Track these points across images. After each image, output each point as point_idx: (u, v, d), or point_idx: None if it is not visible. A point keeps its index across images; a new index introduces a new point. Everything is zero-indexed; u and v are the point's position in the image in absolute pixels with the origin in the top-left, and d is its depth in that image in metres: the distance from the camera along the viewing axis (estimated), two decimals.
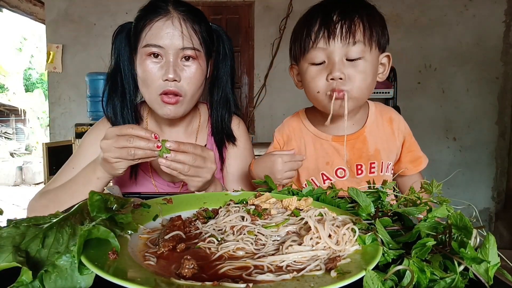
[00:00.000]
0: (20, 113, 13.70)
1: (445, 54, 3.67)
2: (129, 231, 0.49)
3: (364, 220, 0.54)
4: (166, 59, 0.95)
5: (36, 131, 12.87)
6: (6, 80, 13.86)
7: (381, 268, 0.42)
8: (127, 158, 0.80)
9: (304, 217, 0.52)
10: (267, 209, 0.59)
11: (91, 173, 0.88)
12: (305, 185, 0.96)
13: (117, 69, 1.05)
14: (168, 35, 0.94)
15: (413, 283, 0.37)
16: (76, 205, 0.48)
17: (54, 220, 0.43)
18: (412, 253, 0.41)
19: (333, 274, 0.38)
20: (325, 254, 0.43)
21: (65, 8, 3.86)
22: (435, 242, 0.41)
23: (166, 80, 0.95)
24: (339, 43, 0.87)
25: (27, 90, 14.93)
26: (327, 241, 0.45)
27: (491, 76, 3.67)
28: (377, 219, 0.51)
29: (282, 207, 0.61)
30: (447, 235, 0.43)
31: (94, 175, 0.87)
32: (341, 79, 0.87)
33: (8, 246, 0.38)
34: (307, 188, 0.73)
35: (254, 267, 0.41)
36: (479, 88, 3.68)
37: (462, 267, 0.39)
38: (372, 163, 1.02)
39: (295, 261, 0.42)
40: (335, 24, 0.87)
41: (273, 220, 0.55)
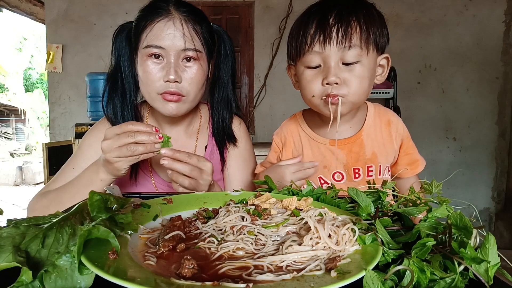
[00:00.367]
0: (20, 113, 13.71)
1: (445, 54, 3.67)
2: (129, 231, 0.49)
3: (364, 220, 0.54)
4: (167, 60, 0.95)
5: (36, 131, 12.89)
6: (6, 80, 13.87)
7: (381, 268, 0.42)
8: (127, 155, 0.80)
9: (304, 217, 0.52)
10: (267, 209, 0.59)
11: (94, 174, 0.88)
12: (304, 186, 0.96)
13: (117, 69, 1.05)
14: (169, 36, 0.94)
15: (413, 283, 0.37)
16: (76, 205, 0.48)
17: (54, 220, 0.43)
18: (412, 253, 0.41)
19: (333, 274, 0.38)
20: (325, 254, 0.43)
21: (65, 8, 3.86)
22: (435, 242, 0.41)
23: (167, 81, 0.95)
24: (335, 47, 0.85)
25: (27, 90, 14.94)
26: (327, 241, 0.45)
27: (491, 76, 3.67)
28: (377, 219, 0.51)
29: (282, 207, 0.61)
30: (447, 235, 0.43)
31: (97, 177, 0.87)
32: (336, 83, 0.86)
33: (8, 246, 0.38)
34: (307, 188, 0.73)
35: (254, 267, 0.41)
36: (479, 88, 3.68)
37: (462, 267, 0.39)
38: (370, 167, 1.01)
39: (295, 261, 0.42)
40: (331, 28, 0.85)
41: (273, 220, 0.55)
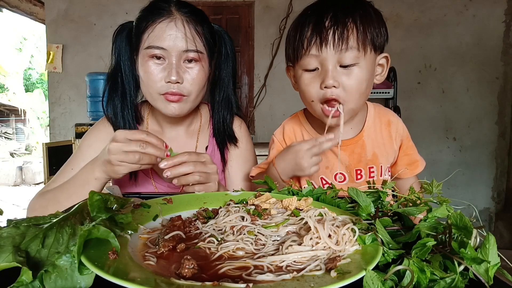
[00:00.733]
0: (20, 113, 13.71)
1: (445, 54, 3.67)
2: (129, 231, 0.49)
3: (364, 220, 0.54)
4: (169, 61, 0.95)
5: (36, 131, 12.89)
6: (6, 80, 13.87)
7: (381, 268, 0.42)
8: (131, 162, 0.80)
9: (304, 217, 0.52)
10: (267, 209, 0.59)
11: (89, 173, 0.88)
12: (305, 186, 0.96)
13: (117, 69, 1.05)
14: (171, 37, 0.94)
15: (413, 283, 0.37)
16: (76, 205, 0.48)
17: (54, 220, 0.43)
18: (412, 253, 0.41)
19: (333, 274, 0.38)
20: (325, 254, 0.43)
21: (65, 8, 3.86)
22: (435, 242, 0.41)
23: (169, 82, 0.95)
24: (332, 50, 0.85)
25: (27, 90, 14.95)
26: (327, 241, 0.45)
27: (491, 76, 3.67)
28: (377, 219, 0.51)
29: (282, 207, 0.61)
30: (447, 235, 0.43)
31: (92, 176, 0.87)
32: (334, 87, 0.86)
33: (8, 246, 0.38)
34: (307, 188, 0.73)
35: (254, 267, 0.41)
36: (479, 88, 3.68)
37: (462, 267, 0.39)
38: (371, 168, 1.01)
39: (295, 261, 0.42)
40: (327, 31, 0.84)
41: (273, 220, 0.55)
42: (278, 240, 0.49)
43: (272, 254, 0.44)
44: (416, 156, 1.06)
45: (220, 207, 0.62)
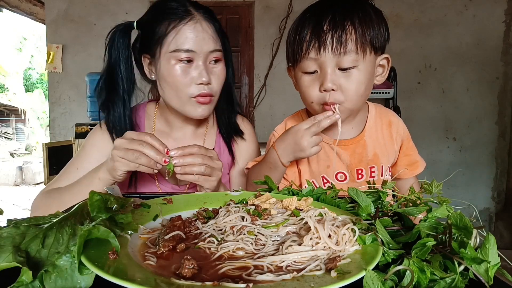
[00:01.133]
0: (20, 113, 13.72)
1: (445, 54, 3.67)
2: (129, 231, 0.49)
3: (364, 220, 0.54)
4: (197, 62, 0.95)
5: (36, 131, 12.89)
6: (6, 80, 13.87)
7: (381, 268, 0.42)
8: (129, 160, 0.81)
9: (304, 217, 0.52)
10: (267, 209, 0.59)
11: (94, 173, 0.89)
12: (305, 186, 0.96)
13: (116, 70, 1.03)
14: (198, 38, 0.94)
15: (413, 283, 0.37)
16: (76, 205, 0.48)
17: (54, 220, 0.43)
18: (412, 253, 0.41)
19: (333, 274, 0.38)
20: (325, 254, 0.43)
21: (65, 8, 3.86)
22: (435, 242, 0.41)
23: (200, 83, 0.95)
24: (330, 53, 0.85)
25: (27, 90, 14.95)
26: (327, 241, 0.45)
27: (491, 76, 3.67)
28: (377, 219, 0.51)
29: (282, 207, 0.61)
30: (447, 235, 0.43)
31: (96, 176, 0.88)
32: (333, 90, 0.87)
33: (8, 246, 0.38)
34: (307, 188, 0.73)
35: (254, 267, 0.41)
36: (479, 88, 3.68)
37: (462, 267, 0.39)
38: (372, 167, 1.01)
39: (295, 261, 0.42)
40: (325, 34, 0.85)
41: (273, 220, 0.55)
42: (278, 240, 0.49)
43: (272, 254, 0.44)
44: (416, 157, 1.06)
45: (220, 207, 0.62)
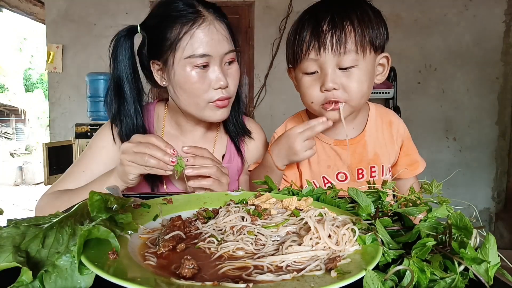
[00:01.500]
0: (20, 113, 13.72)
1: (445, 54, 3.67)
2: (129, 231, 0.49)
3: (364, 220, 0.54)
4: (213, 67, 0.92)
5: (36, 131, 12.90)
6: (6, 80, 13.88)
7: (381, 268, 0.42)
8: (139, 163, 0.81)
9: (304, 217, 0.52)
10: (267, 209, 0.59)
11: (104, 180, 0.88)
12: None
13: (122, 81, 0.99)
14: (213, 41, 0.90)
15: (413, 283, 0.37)
16: (76, 205, 0.48)
17: (54, 220, 0.43)
18: (412, 253, 0.41)
19: (333, 274, 0.38)
20: (325, 254, 0.43)
21: (65, 8, 3.86)
22: (435, 242, 0.41)
23: (219, 88, 0.93)
24: (330, 53, 0.85)
25: (27, 90, 14.96)
26: (327, 241, 0.45)
27: (491, 76, 3.66)
28: (377, 219, 0.51)
29: (282, 207, 0.61)
30: (447, 235, 0.43)
31: (107, 180, 0.87)
32: (335, 89, 0.87)
33: (8, 246, 0.38)
34: (307, 188, 0.73)
35: (254, 267, 0.41)
36: (479, 88, 3.68)
37: (462, 267, 0.39)
38: (373, 167, 1.01)
39: (295, 261, 0.42)
40: (325, 35, 0.85)
41: (273, 220, 0.55)
42: (278, 240, 0.49)
43: (272, 254, 0.44)
44: (416, 157, 1.07)
45: (220, 207, 0.62)
